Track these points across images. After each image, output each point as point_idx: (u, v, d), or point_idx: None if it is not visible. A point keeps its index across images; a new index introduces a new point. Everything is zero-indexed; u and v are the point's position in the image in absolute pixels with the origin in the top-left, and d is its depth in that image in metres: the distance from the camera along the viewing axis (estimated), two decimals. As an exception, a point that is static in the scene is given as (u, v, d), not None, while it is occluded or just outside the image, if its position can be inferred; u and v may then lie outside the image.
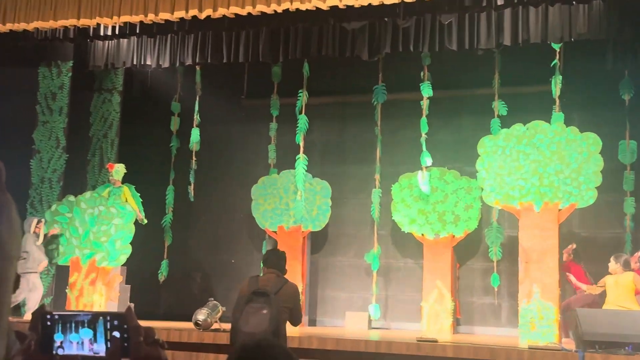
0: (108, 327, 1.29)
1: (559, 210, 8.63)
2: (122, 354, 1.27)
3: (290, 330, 9.78)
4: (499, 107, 10.11)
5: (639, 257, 8.68)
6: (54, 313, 1.32)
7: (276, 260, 5.22)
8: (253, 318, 4.79)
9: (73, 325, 1.31)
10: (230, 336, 4.88)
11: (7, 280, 1.18)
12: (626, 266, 8.05)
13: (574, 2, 8.59)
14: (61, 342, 1.31)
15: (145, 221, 10.41)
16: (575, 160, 8.63)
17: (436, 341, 7.68)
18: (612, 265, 8.12)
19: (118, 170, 10.36)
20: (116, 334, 1.28)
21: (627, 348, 6.93)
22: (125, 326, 1.28)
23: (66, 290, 9.72)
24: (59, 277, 10.15)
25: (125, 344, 1.27)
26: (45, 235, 9.71)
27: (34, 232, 9.69)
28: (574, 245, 9.09)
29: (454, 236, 10.19)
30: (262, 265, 5.18)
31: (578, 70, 9.72)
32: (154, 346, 1.27)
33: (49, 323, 1.31)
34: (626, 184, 9.82)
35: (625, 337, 7.01)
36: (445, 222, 10.18)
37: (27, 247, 9.54)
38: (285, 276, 5.22)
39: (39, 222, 9.78)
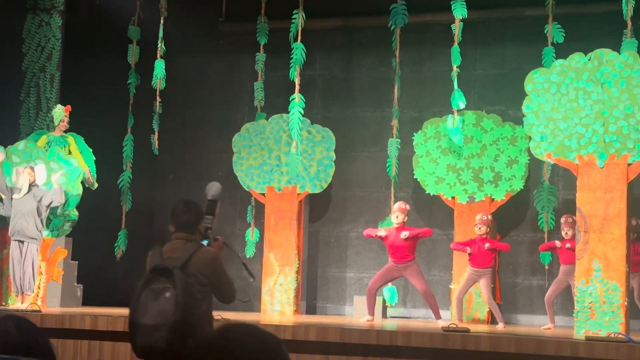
0: None
1: (629, 165, 8.57)
2: None
3: (283, 318, 9.89)
4: (554, 32, 10.04)
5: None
6: None
7: (184, 216, 4.75)
8: (153, 305, 4.41)
9: None
10: (129, 333, 4.48)
11: None
12: None
13: None
14: None
15: (96, 185, 10.45)
16: (651, 100, 8.59)
17: (468, 331, 7.70)
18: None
19: (57, 112, 10.35)
20: None
21: None
22: None
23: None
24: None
25: None
26: None
27: None
28: (635, 221, 9.07)
29: (493, 200, 10.23)
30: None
31: (658, -17, 9.61)
32: None
33: None
34: None
35: None
36: (483, 181, 10.23)
37: None
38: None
39: None
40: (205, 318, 4.57)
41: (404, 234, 9.05)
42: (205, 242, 4.62)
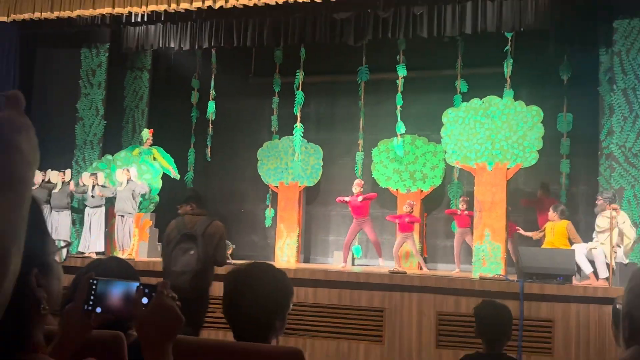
0: (141, 293, 1.32)
1: (507, 169, 8.70)
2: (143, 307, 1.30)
3: (288, 265, 9.93)
4: (461, 85, 10.14)
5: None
6: (99, 279, 1.33)
7: (200, 199, 4.85)
8: (182, 258, 4.47)
9: (112, 290, 1.33)
10: (163, 277, 4.53)
11: (26, 184, 0.92)
12: (562, 215, 8.18)
13: (524, -3, 8.60)
14: (99, 303, 1.32)
15: (179, 176, 10.51)
16: (521, 128, 8.68)
17: (405, 273, 7.85)
18: (551, 213, 8.26)
19: (145, 133, 10.43)
20: (145, 299, 1.32)
21: (558, 279, 7.12)
22: (154, 294, 1.31)
23: (105, 231, 9.83)
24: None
25: (148, 301, 1.31)
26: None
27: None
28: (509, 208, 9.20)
29: (422, 191, 10.33)
30: (185, 202, 4.67)
31: (526, 55, 9.72)
32: (169, 299, 1.32)
33: (93, 287, 1.33)
34: (562, 149, 9.94)
35: (557, 270, 7.19)
36: (415, 179, 10.32)
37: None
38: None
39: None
40: (213, 266, 4.62)
41: (360, 198, 9.44)
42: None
